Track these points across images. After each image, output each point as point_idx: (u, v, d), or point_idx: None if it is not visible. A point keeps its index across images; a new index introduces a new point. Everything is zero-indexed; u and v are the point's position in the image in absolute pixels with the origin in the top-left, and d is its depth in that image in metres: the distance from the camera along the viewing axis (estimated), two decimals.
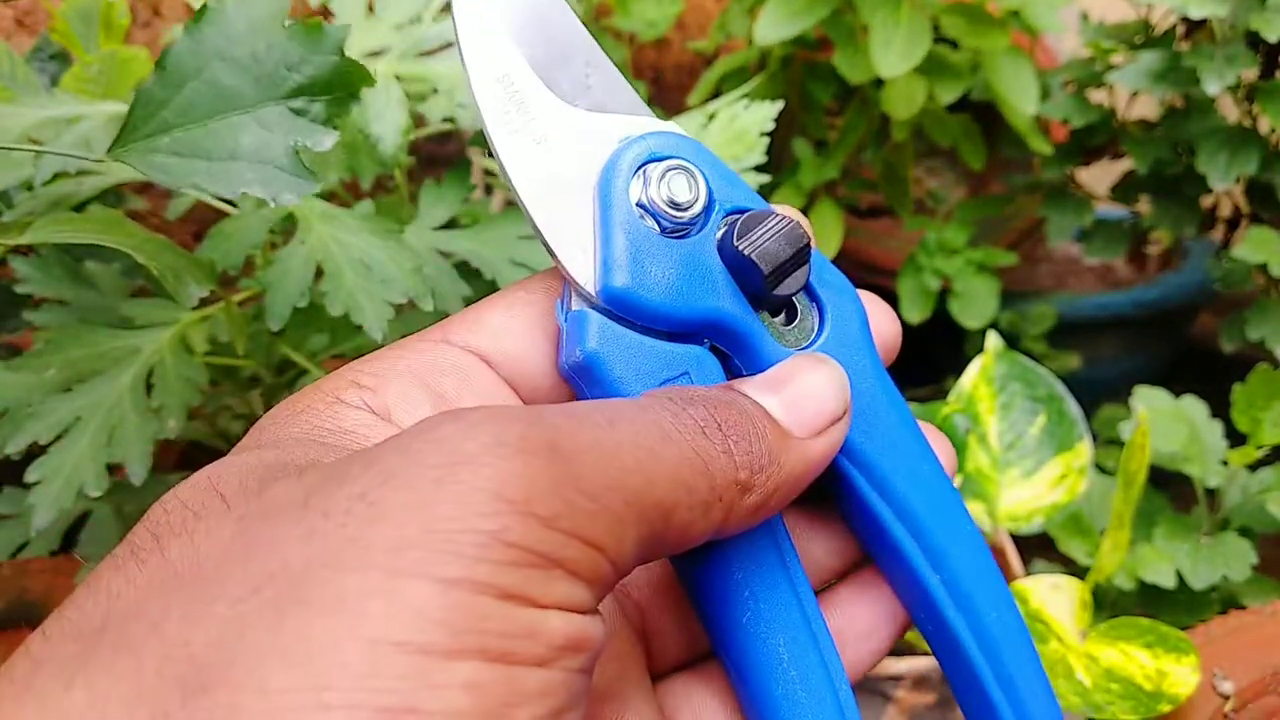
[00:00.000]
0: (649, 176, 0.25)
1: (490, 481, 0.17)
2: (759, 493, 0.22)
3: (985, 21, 0.84)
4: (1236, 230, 0.99)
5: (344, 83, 0.31)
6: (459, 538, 0.17)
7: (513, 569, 0.17)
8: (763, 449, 0.22)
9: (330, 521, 0.17)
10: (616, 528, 0.19)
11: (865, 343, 0.26)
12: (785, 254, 0.24)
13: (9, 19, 0.64)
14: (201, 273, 0.39)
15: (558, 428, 0.19)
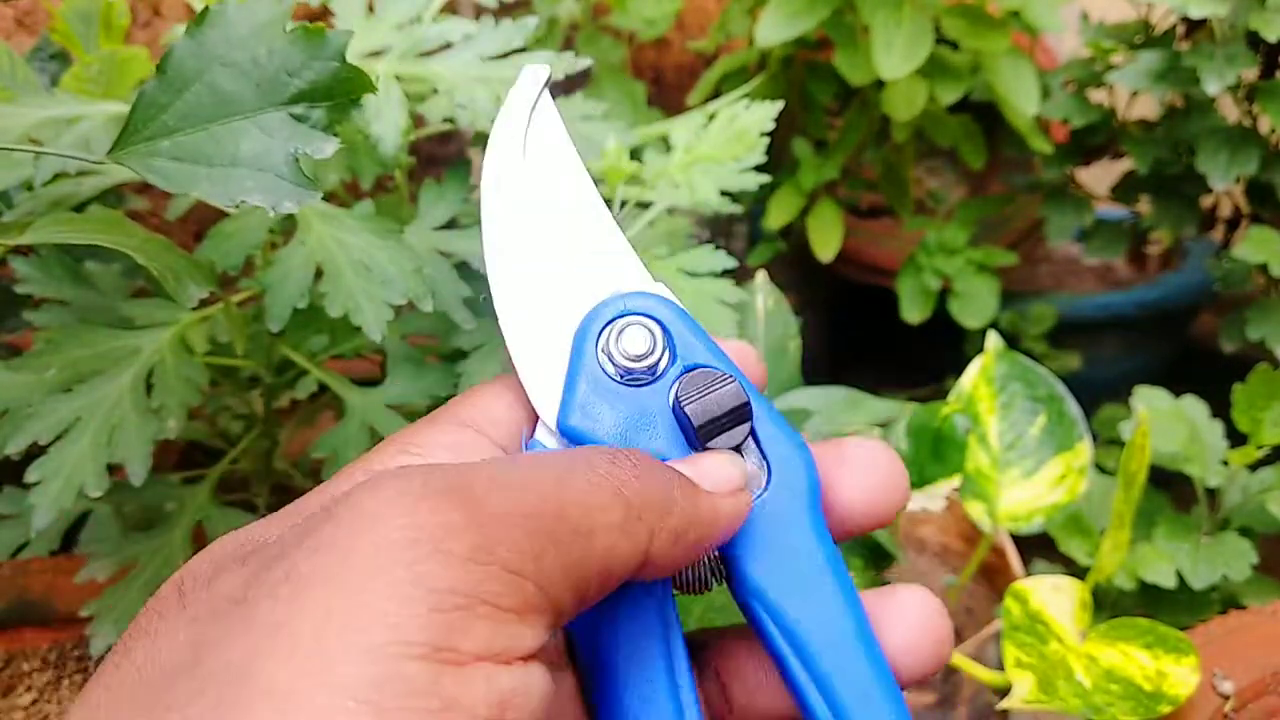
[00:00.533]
0: (615, 330, 0.27)
1: (403, 530, 0.18)
2: (678, 515, 0.22)
3: (986, 23, 0.84)
4: (1236, 230, 0.99)
5: (345, 89, 0.31)
6: (380, 591, 0.17)
7: (436, 616, 0.17)
8: (672, 483, 0.23)
9: (261, 609, 0.18)
10: (533, 551, 0.19)
11: (808, 500, 0.27)
12: (716, 412, 0.26)
13: (9, 19, 0.64)
14: (201, 274, 0.39)
15: (461, 472, 0.20)
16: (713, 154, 0.52)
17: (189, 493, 0.50)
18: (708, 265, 0.51)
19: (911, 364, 1.08)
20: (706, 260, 0.51)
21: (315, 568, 0.18)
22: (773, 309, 0.58)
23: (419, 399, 0.50)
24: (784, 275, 0.93)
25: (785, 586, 0.26)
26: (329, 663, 0.16)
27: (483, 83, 0.47)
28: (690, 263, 0.51)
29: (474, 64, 0.48)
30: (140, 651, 0.19)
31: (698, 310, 0.49)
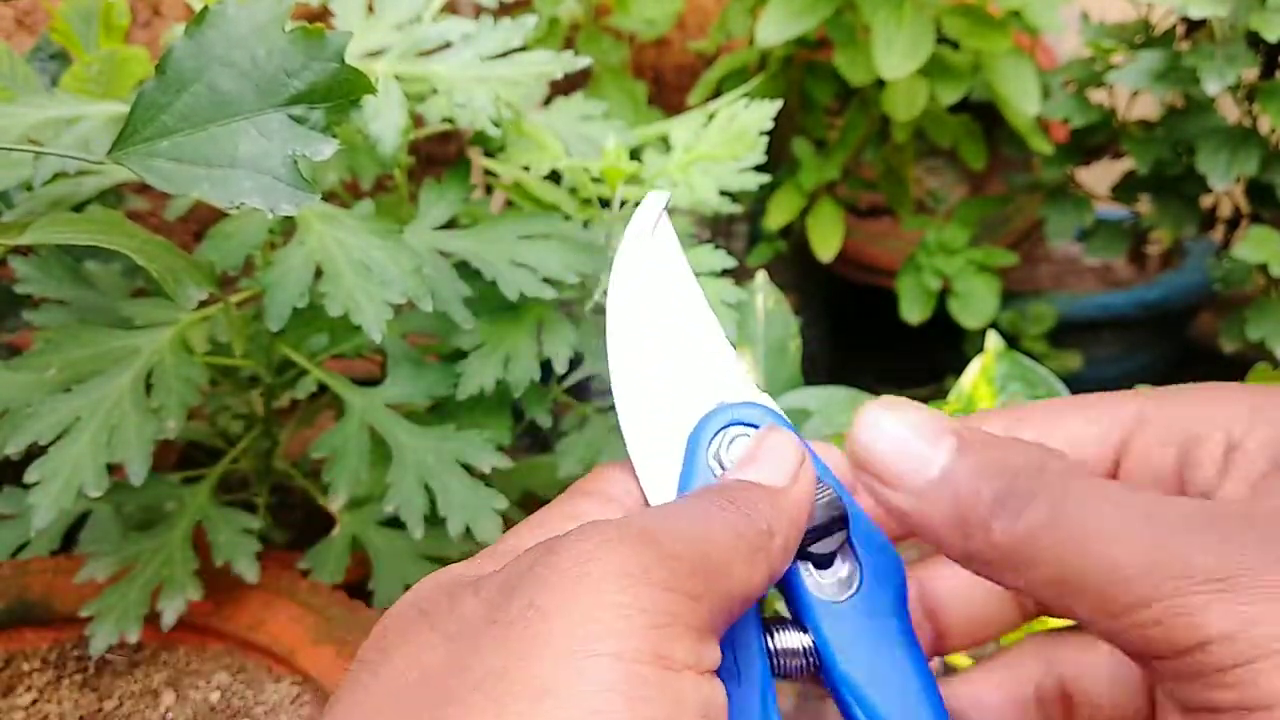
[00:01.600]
0: (726, 439, 0.30)
1: (611, 566, 0.22)
2: (780, 534, 0.27)
3: (987, 23, 0.84)
4: (1236, 230, 0.99)
5: (344, 90, 0.31)
6: (607, 613, 0.22)
7: (652, 631, 0.22)
8: (764, 504, 0.27)
9: (514, 630, 0.22)
10: (704, 582, 0.24)
11: (896, 603, 0.29)
12: (820, 520, 0.29)
13: (9, 19, 0.64)
14: (201, 274, 0.39)
15: (644, 521, 0.24)
16: (712, 153, 0.52)
17: (189, 493, 0.50)
18: (707, 265, 0.51)
19: (911, 364, 1.08)
20: (706, 260, 0.51)
21: (551, 597, 0.22)
22: (773, 309, 0.58)
23: (419, 399, 0.50)
24: (784, 275, 0.93)
25: (872, 678, 0.28)
26: (582, 667, 0.21)
27: (482, 82, 0.47)
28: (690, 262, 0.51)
29: (473, 63, 0.48)
30: (400, 660, 0.23)
31: None
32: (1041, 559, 0.23)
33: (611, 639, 0.21)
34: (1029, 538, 0.24)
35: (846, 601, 0.29)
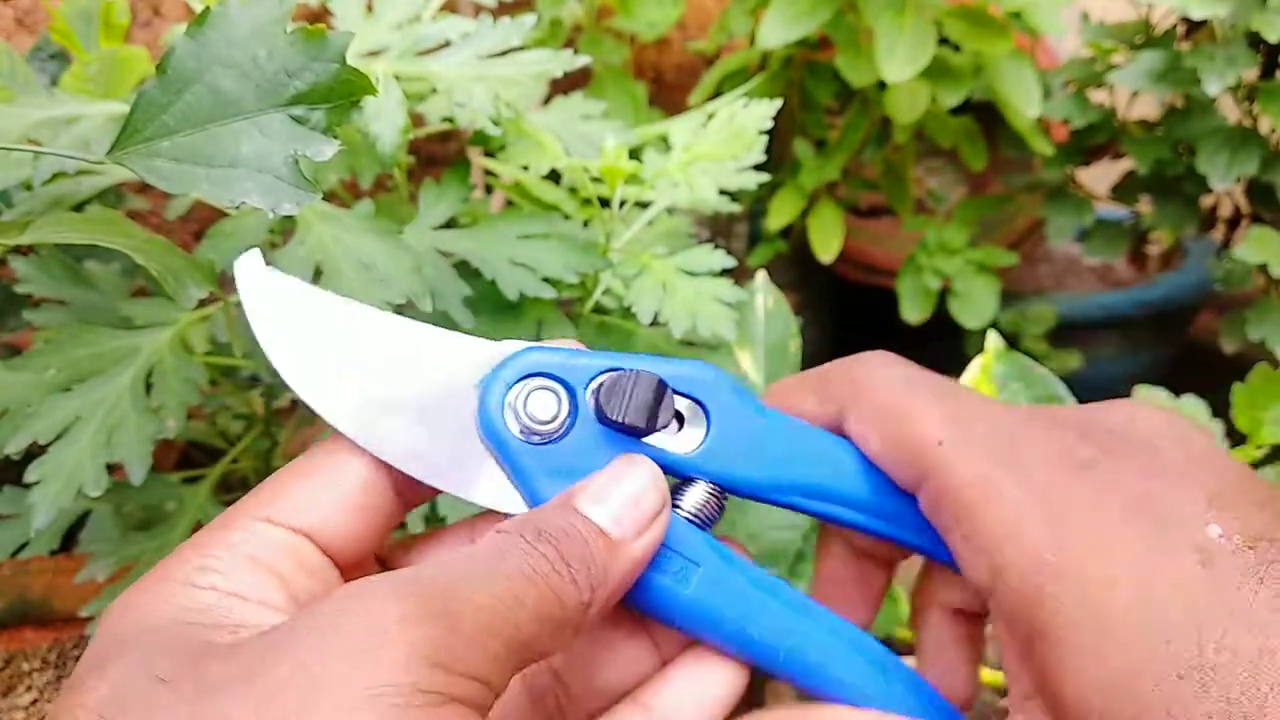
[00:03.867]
0: (524, 390, 0.29)
1: (408, 647, 0.22)
2: (598, 605, 0.26)
3: (988, 25, 0.84)
4: (1237, 230, 0.99)
5: (345, 91, 0.31)
6: (387, 693, 0.21)
7: (426, 709, 0.21)
8: (599, 568, 0.26)
9: (276, 692, 0.21)
10: (495, 665, 0.23)
11: (745, 402, 0.30)
12: (649, 402, 0.29)
13: (9, 18, 0.64)
14: (201, 273, 0.39)
15: (447, 595, 0.23)
16: (712, 152, 0.52)
17: (189, 492, 0.50)
18: (707, 264, 0.51)
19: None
20: (706, 259, 0.51)
21: (329, 669, 0.21)
22: (773, 309, 0.58)
23: None
24: (784, 275, 0.93)
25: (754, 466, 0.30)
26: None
27: (481, 81, 0.47)
28: (689, 262, 0.51)
29: (473, 63, 0.48)
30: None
31: (697, 309, 0.49)
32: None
33: (390, 714, 0.21)
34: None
35: (707, 439, 0.30)
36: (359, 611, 0.22)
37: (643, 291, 0.50)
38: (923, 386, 0.29)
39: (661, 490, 0.28)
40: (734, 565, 0.29)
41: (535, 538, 0.26)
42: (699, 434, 0.30)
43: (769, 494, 0.30)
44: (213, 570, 0.26)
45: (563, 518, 0.27)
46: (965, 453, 0.27)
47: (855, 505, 0.31)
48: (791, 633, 0.29)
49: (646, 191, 0.52)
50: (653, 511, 0.28)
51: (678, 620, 0.29)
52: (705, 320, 0.49)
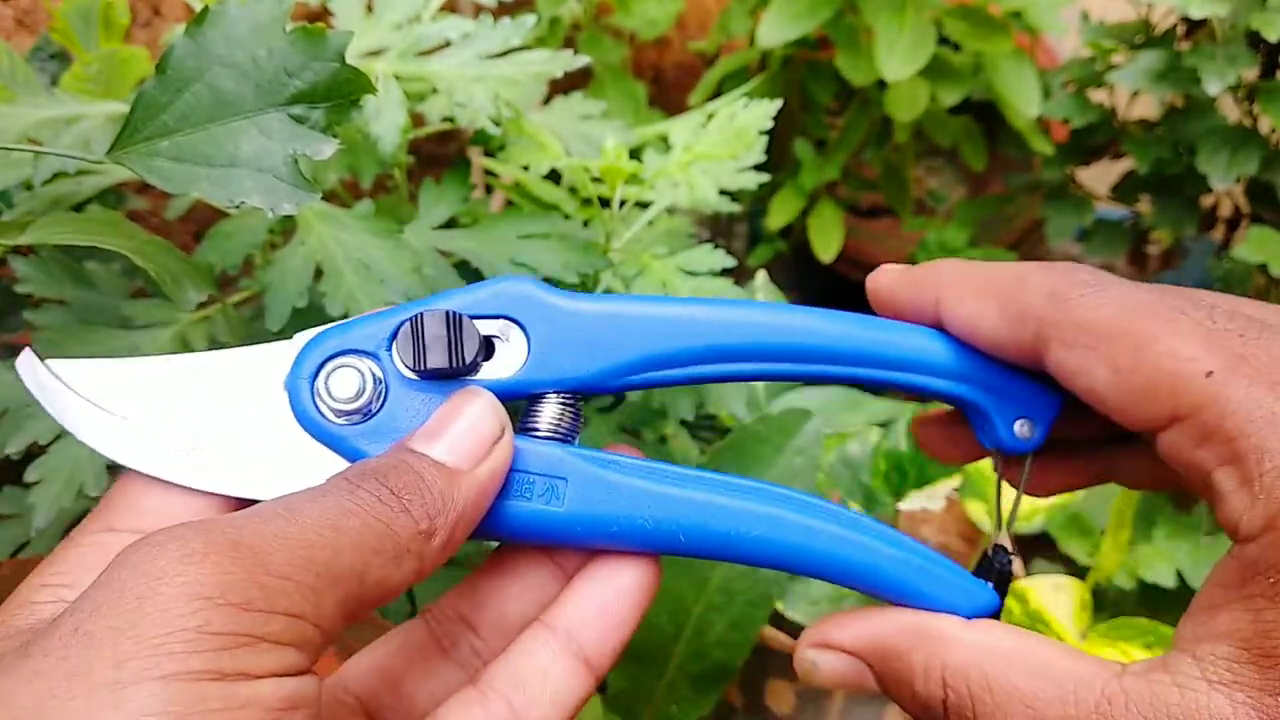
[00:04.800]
0: (326, 372, 0.28)
1: (186, 586, 0.20)
2: (442, 532, 0.25)
3: (988, 25, 0.84)
4: (1237, 230, 0.99)
5: (345, 90, 0.31)
6: (168, 640, 0.19)
7: (222, 653, 0.20)
8: (435, 496, 0.25)
9: (50, 659, 0.19)
10: (312, 596, 0.22)
11: (556, 300, 0.29)
12: (445, 339, 0.28)
13: (9, 18, 0.64)
14: (200, 276, 0.39)
15: (239, 528, 0.22)
16: (712, 153, 0.52)
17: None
18: (707, 264, 0.51)
19: None
20: (705, 259, 0.51)
21: (101, 624, 0.20)
22: None
23: None
24: (784, 275, 0.93)
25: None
26: (124, 696, 0.19)
27: (481, 81, 0.47)
28: (689, 262, 0.51)
29: (473, 63, 0.48)
30: None
31: None
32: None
33: (167, 662, 0.19)
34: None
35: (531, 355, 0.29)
36: (136, 561, 0.21)
37: (643, 291, 0.50)
38: (1160, 307, 0.26)
39: (497, 414, 0.27)
40: (606, 466, 0.29)
41: (358, 476, 0.25)
42: (523, 349, 0.29)
43: (613, 381, 0.29)
44: (56, 585, 0.25)
45: (393, 457, 0.26)
46: (1243, 384, 0.24)
47: (714, 359, 0.30)
48: (685, 510, 0.28)
49: (646, 191, 0.52)
50: (491, 436, 0.27)
51: (562, 539, 0.29)
52: None
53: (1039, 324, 0.27)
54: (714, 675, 0.54)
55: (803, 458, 0.54)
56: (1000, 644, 0.27)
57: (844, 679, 0.29)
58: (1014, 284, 0.28)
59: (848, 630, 0.29)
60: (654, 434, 0.52)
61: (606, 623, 0.29)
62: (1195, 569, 0.60)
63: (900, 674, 0.28)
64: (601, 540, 0.29)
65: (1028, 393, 0.30)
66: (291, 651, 0.21)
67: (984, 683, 0.26)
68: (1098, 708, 0.24)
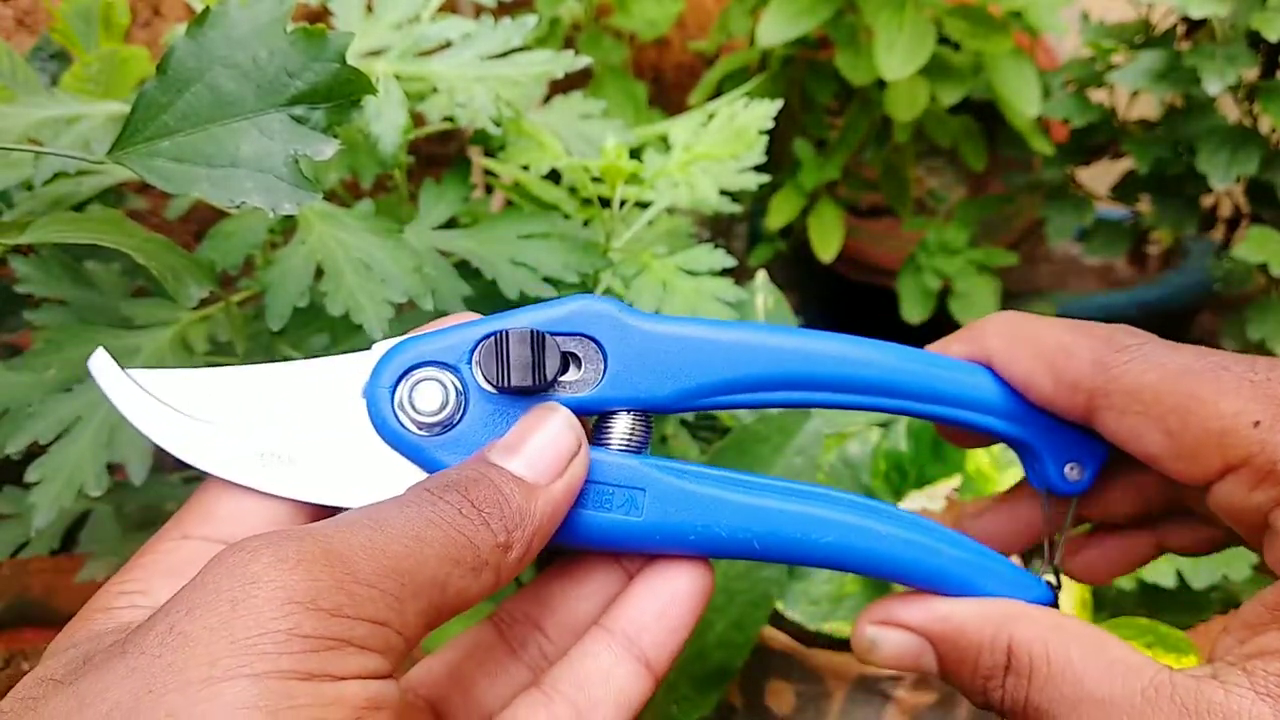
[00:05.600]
0: (409, 384, 0.29)
1: (279, 591, 0.21)
2: (519, 546, 0.26)
3: (988, 24, 0.84)
4: (1237, 230, 0.99)
5: (345, 90, 0.31)
6: (260, 641, 0.20)
7: (310, 655, 0.21)
8: (513, 510, 0.26)
9: (146, 657, 0.20)
10: (396, 605, 0.23)
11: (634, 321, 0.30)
12: (528, 358, 0.28)
13: (9, 18, 0.64)
14: (201, 273, 0.39)
15: (329, 537, 0.23)
16: (712, 152, 0.52)
17: (189, 492, 0.50)
18: (706, 264, 0.51)
19: None
20: (705, 259, 0.51)
21: (197, 624, 0.20)
22: (773, 309, 0.58)
23: None
24: (784, 275, 0.93)
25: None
26: (217, 691, 0.19)
27: (482, 82, 0.47)
28: (689, 261, 0.51)
29: (473, 63, 0.48)
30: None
31: (697, 308, 0.49)
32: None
33: (259, 661, 0.20)
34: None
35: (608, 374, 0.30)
36: (231, 565, 0.22)
37: (643, 291, 0.50)
38: (1201, 366, 0.27)
39: (575, 430, 0.28)
40: (683, 475, 0.30)
41: (440, 489, 0.26)
42: (600, 367, 0.30)
43: (686, 403, 0.30)
44: (132, 591, 0.26)
45: (473, 469, 0.27)
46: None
47: (782, 386, 0.31)
48: (760, 517, 0.29)
49: (646, 191, 0.52)
50: (569, 451, 0.28)
51: (640, 547, 0.30)
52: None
53: (1089, 394, 0.29)
54: (714, 675, 0.54)
55: (803, 458, 0.54)
56: (1065, 624, 0.28)
57: (903, 657, 0.30)
58: (1062, 355, 0.30)
59: (915, 610, 0.30)
60: (655, 434, 0.52)
61: (665, 627, 0.30)
62: (1195, 569, 0.60)
63: (966, 651, 0.29)
64: (678, 548, 0.30)
65: (1078, 438, 0.31)
66: (376, 657, 0.22)
67: (1044, 654, 0.27)
68: (1143, 692, 0.25)
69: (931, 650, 0.30)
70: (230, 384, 0.29)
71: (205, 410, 0.28)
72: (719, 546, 0.29)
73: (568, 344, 0.30)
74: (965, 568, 0.30)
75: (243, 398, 0.28)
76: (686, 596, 0.30)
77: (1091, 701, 0.26)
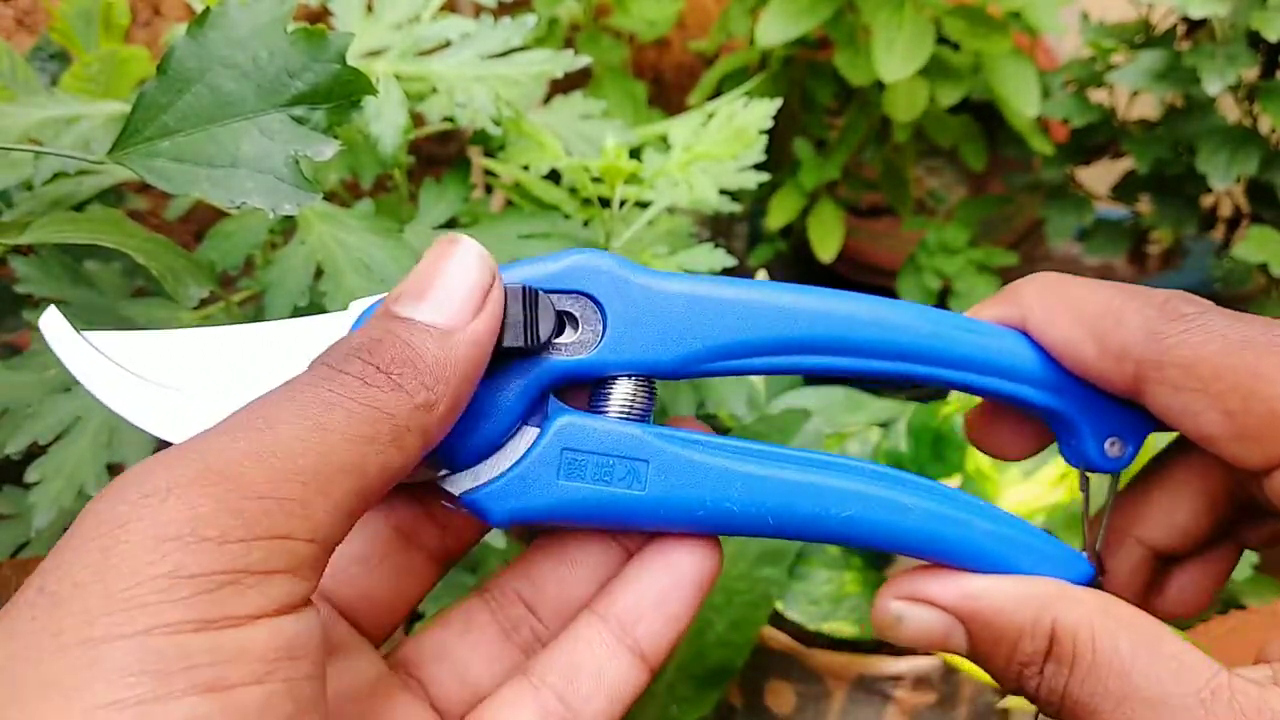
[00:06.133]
0: None
1: (151, 529, 0.18)
2: (444, 401, 0.23)
3: (987, 24, 0.84)
4: (1237, 230, 0.99)
5: (345, 91, 0.31)
6: (137, 592, 0.18)
7: (201, 597, 0.18)
8: (429, 364, 0.23)
9: (20, 620, 0.18)
10: (300, 510, 0.20)
11: (636, 278, 0.28)
12: (520, 316, 0.26)
13: (9, 19, 0.64)
14: (202, 273, 0.39)
15: (207, 450, 0.20)
16: (711, 152, 0.52)
17: None
18: (707, 264, 0.51)
19: None
20: (705, 258, 0.51)
21: (66, 582, 0.18)
22: None
23: None
24: (784, 275, 0.93)
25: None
26: (99, 655, 0.17)
27: (482, 81, 0.47)
28: (689, 261, 0.51)
29: (473, 63, 0.48)
30: None
31: None
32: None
33: (140, 615, 0.17)
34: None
35: (607, 333, 0.28)
36: (98, 510, 0.19)
37: None
38: (1265, 341, 0.25)
39: (485, 260, 0.25)
40: (689, 445, 0.27)
41: (340, 359, 0.23)
42: (598, 328, 0.28)
43: (692, 368, 0.28)
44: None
45: (376, 327, 0.24)
46: None
47: (797, 350, 0.28)
48: (774, 490, 0.27)
49: (646, 191, 0.52)
50: (482, 285, 0.25)
51: (644, 524, 0.27)
52: None
53: (1138, 365, 0.26)
54: (714, 675, 0.54)
55: None
56: (1114, 609, 0.26)
57: (930, 635, 0.28)
58: (1109, 321, 0.27)
59: (947, 587, 0.27)
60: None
61: (663, 615, 0.27)
62: None
63: (1003, 633, 0.26)
64: (685, 525, 0.27)
65: (1120, 410, 0.29)
66: (283, 580, 0.19)
67: (1090, 641, 0.25)
68: (1198, 695, 0.23)
69: (962, 630, 0.27)
70: (198, 347, 0.26)
71: (170, 375, 0.26)
72: (730, 523, 0.27)
73: (563, 302, 0.27)
74: (1000, 542, 0.27)
75: (211, 361, 0.26)
76: (689, 581, 0.28)
77: (1139, 699, 0.23)
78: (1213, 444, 0.26)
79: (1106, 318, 0.27)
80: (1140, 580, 0.31)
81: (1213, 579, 0.31)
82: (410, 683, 0.28)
